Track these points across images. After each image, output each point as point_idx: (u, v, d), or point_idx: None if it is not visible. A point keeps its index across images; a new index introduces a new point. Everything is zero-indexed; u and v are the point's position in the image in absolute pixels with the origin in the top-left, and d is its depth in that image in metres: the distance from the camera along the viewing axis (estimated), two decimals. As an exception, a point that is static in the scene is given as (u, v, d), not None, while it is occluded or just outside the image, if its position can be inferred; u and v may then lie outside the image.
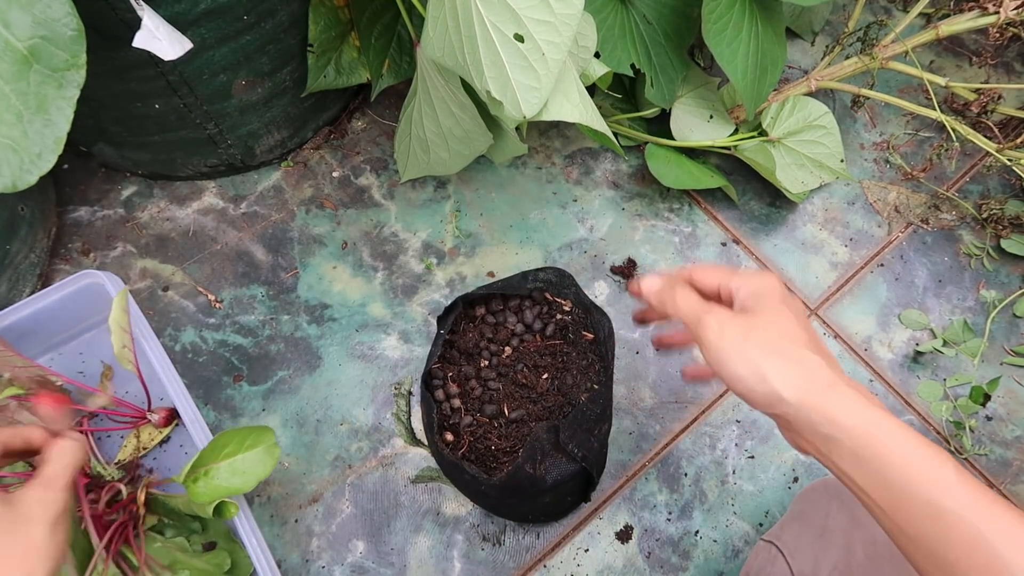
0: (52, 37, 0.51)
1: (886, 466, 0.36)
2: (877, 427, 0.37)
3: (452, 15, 0.59)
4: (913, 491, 0.36)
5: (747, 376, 0.40)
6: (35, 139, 0.52)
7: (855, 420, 0.38)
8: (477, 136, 0.74)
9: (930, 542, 0.35)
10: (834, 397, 0.39)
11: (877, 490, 0.37)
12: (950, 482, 0.35)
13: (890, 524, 0.37)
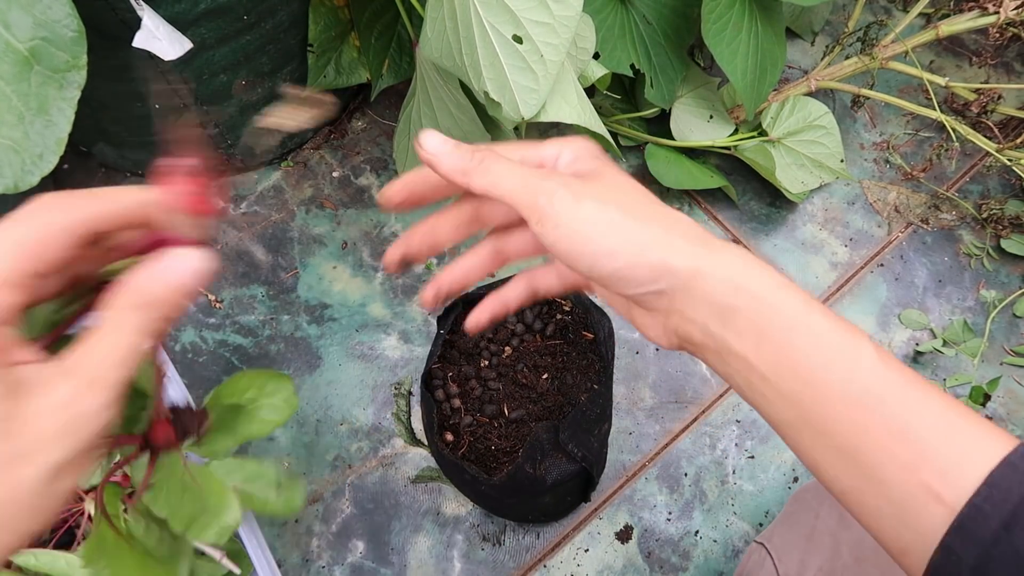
0: (53, 38, 0.51)
1: (794, 341, 0.31)
2: (785, 294, 0.31)
3: (451, 16, 0.59)
4: (827, 372, 0.30)
5: (622, 248, 0.32)
6: (36, 140, 0.52)
7: (760, 285, 0.31)
8: (476, 137, 0.74)
9: (843, 435, 0.30)
10: (730, 259, 0.32)
11: (781, 372, 0.31)
12: (871, 361, 0.30)
13: (794, 416, 0.31)
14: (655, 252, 0.32)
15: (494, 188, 0.33)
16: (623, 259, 0.32)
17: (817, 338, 0.31)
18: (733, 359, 0.32)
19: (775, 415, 0.32)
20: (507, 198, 0.33)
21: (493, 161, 0.33)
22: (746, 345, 0.31)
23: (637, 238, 0.32)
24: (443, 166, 0.34)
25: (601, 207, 0.32)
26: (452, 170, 0.34)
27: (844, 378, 0.30)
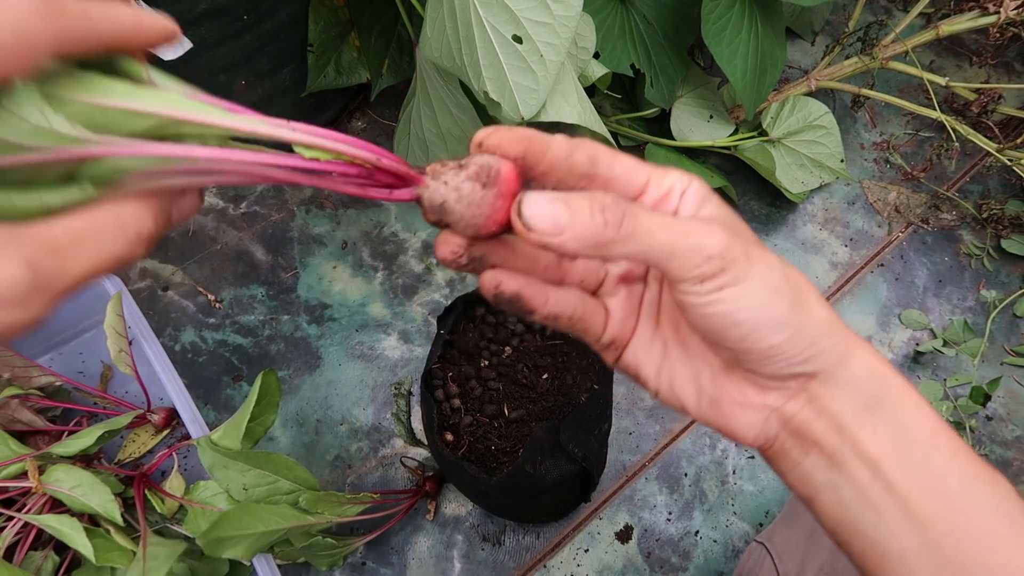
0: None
1: (934, 456, 0.28)
2: (923, 399, 0.29)
3: (450, 16, 0.59)
4: (972, 500, 0.28)
5: (788, 320, 0.28)
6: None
7: (904, 382, 0.29)
8: (477, 136, 0.74)
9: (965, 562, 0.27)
10: (871, 348, 0.30)
11: (918, 487, 0.28)
12: (1014, 498, 0.28)
13: (917, 543, 0.28)
14: (813, 330, 0.28)
15: (643, 253, 0.27)
16: (786, 333, 0.28)
17: (958, 457, 0.28)
18: (856, 464, 0.29)
19: (889, 540, 0.29)
20: (657, 261, 0.27)
21: (636, 222, 0.26)
22: (882, 448, 0.28)
23: (799, 312, 0.28)
24: (568, 246, 0.26)
25: (770, 271, 0.28)
26: (584, 247, 0.26)
27: (995, 508, 0.27)
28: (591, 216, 0.26)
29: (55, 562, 0.62)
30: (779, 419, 0.30)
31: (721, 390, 0.31)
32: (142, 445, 0.75)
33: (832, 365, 0.29)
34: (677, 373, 0.33)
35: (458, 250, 0.29)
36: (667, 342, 0.34)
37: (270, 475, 0.61)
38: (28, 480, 0.60)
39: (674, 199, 0.30)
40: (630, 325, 0.34)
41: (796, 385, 0.30)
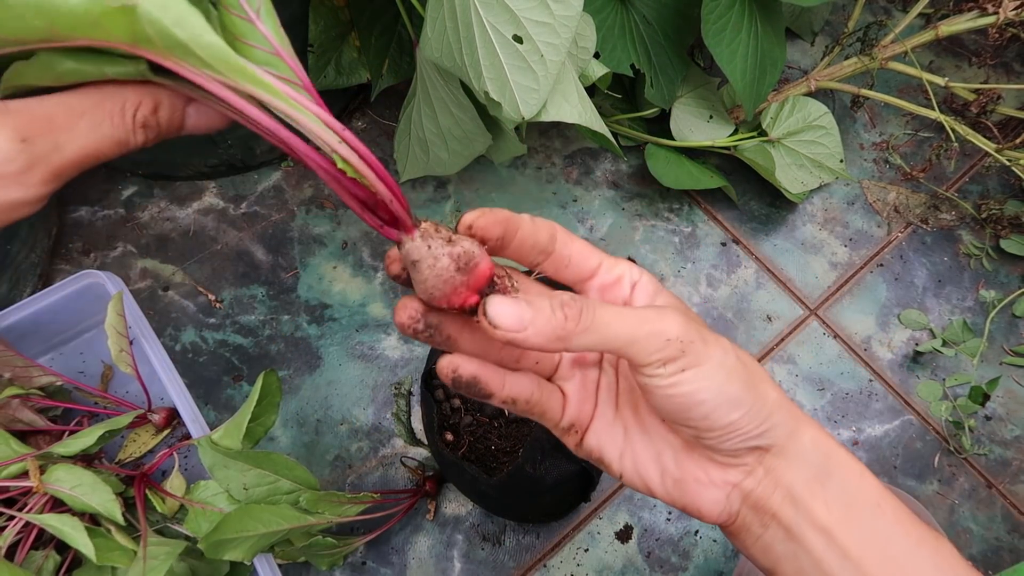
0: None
1: (880, 521, 0.31)
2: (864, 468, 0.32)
3: (451, 16, 0.59)
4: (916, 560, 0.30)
5: (744, 398, 0.30)
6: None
7: (847, 454, 0.32)
8: (476, 136, 0.74)
9: None
10: (816, 424, 0.33)
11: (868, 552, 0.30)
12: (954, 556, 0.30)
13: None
14: (767, 406, 0.31)
15: (601, 344, 0.29)
16: (743, 409, 0.30)
17: (903, 522, 0.30)
18: (811, 533, 0.30)
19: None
20: (618, 348, 0.29)
21: (594, 315, 0.28)
22: (833, 517, 0.30)
23: (754, 390, 0.30)
24: (532, 341, 0.28)
25: (724, 351, 0.30)
26: (546, 341, 0.28)
27: (940, 569, 0.29)
28: (551, 312, 0.28)
29: (56, 561, 0.62)
30: (740, 494, 0.32)
31: (684, 470, 0.33)
32: (143, 445, 0.75)
33: (784, 439, 0.31)
34: (640, 455, 0.34)
35: (416, 315, 0.31)
36: (628, 425, 0.35)
37: (270, 475, 0.61)
38: (29, 480, 0.60)
39: (624, 288, 0.33)
40: (588, 409, 0.36)
41: (753, 460, 0.32)
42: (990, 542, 0.77)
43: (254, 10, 0.26)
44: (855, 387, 0.84)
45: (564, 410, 0.35)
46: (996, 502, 0.79)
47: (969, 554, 0.76)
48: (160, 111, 0.26)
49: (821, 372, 0.85)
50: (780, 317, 0.88)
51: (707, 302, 0.89)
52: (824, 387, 0.84)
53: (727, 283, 0.90)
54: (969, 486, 0.79)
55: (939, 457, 0.81)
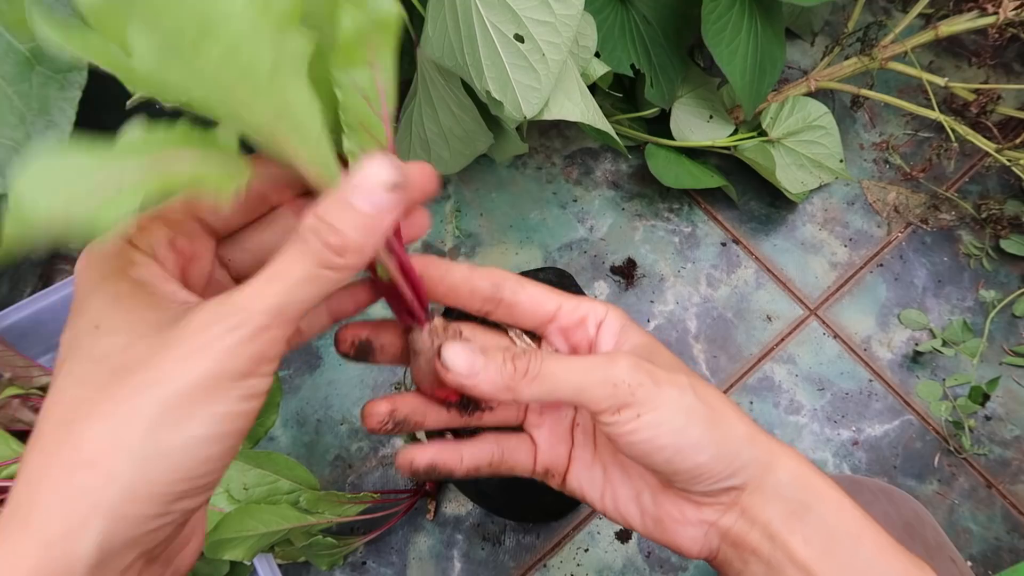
0: (53, 38, 0.51)
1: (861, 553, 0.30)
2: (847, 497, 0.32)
3: (452, 15, 0.59)
4: None
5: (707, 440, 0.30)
6: (38, 140, 0.52)
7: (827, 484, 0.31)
8: (478, 135, 0.74)
9: None
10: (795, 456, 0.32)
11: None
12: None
13: None
14: (734, 445, 0.30)
15: (552, 394, 0.29)
16: (709, 452, 0.30)
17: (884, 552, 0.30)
18: (791, 570, 0.30)
19: None
20: (570, 398, 0.29)
21: (543, 364, 0.29)
22: (812, 551, 0.30)
23: (718, 429, 0.30)
24: (482, 387, 0.29)
25: (680, 392, 0.30)
26: (495, 389, 0.29)
27: None
28: (502, 363, 0.29)
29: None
30: (718, 532, 0.32)
31: (661, 509, 0.33)
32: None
33: (758, 475, 0.31)
34: (620, 495, 0.34)
35: (384, 418, 0.33)
36: (607, 466, 0.35)
37: (270, 475, 0.61)
38: (29, 480, 0.60)
39: (590, 328, 0.33)
40: (563, 452, 0.36)
41: (728, 499, 0.31)
42: (990, 542, 0.77)
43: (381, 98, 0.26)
44: (855, 387, 0.84)
45: (536, 457, 0.36)
46: (996, 502, 0.79)
47: (969, 554, 0.76)
48: None
49: (821, 372, 0.85)
50: (780, 317, 0.88)
51: (707, 302, 0.89)
52: (824, 387, 0.84)
53: (727, 283, 0.90)
54: (969, 486, 0.79)
55: (939, 457, 0.81)
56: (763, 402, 0.83)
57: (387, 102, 0.25)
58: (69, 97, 0.52)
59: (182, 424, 0.23)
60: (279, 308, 0.24)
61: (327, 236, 0.24)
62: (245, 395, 0.24)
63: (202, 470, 0.23)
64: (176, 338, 0.23)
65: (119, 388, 0.23)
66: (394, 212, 0.24)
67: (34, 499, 0.22)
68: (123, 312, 0.24)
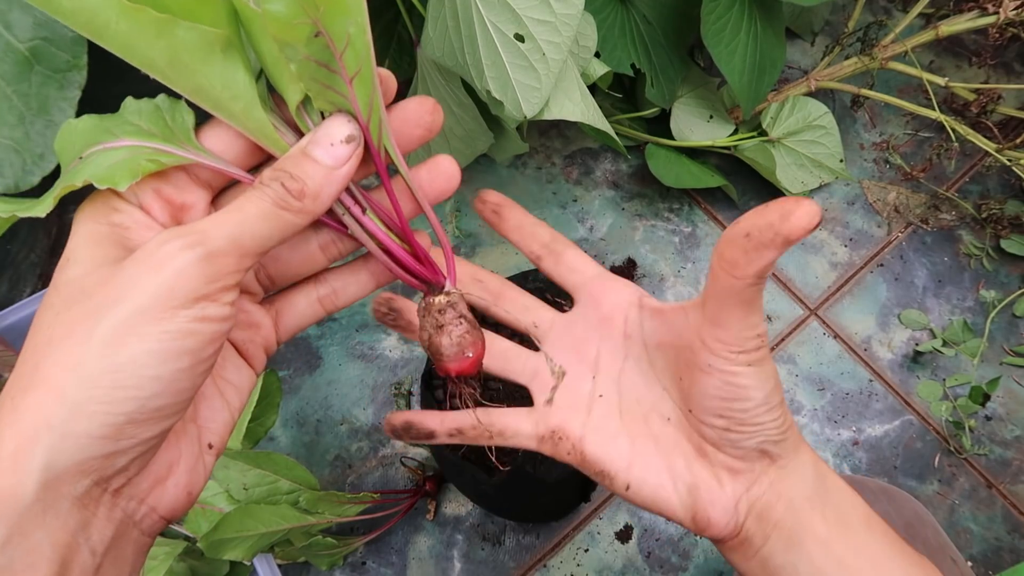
0: (53, 38, 0.51)
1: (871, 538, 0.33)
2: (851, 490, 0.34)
3: (452, 15, 0.59)
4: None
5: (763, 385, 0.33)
6: (37, 140, 0.52)
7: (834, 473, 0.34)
8: (478, 135, 0.74)
9: None
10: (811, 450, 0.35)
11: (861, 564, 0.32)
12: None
13: None
14: (788, 418, 0.33)
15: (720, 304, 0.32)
16: (776, 413, 0.32)
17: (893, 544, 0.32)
18: (811, 543, 0.32)
19: None
20: (720, 321, 0.31)
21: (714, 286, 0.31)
22: (832, 530, 0.32)
23: (783, 405, 0.33)
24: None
25: (773, 365, 0.33)
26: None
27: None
28: None
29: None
30: (748, 503, 0.33)
31: (697, 476, 0.34)
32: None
33: (790, 453, 0.33)
34: (651, 464, 0.35)
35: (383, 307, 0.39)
36: (635, 436, 0.36)
37: (270, 475, 0.61)
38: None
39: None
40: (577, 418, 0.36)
41: (761, 467, 0.33)
42: (990, 542, 0.77)
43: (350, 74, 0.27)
44: (855, 387, 0.84)
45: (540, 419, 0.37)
46: (996, 502, 0.79)
47: (969, 554, 0.76)
48: None
49: (821, 372, 0.85)
50: (780, 317, 0.88)
51: (707, 302, 0.89)
52: (824, 387, 0.84)
53: (727, 283, 0.90)
54: (969, 486, 0.79)
55: (939, 457, 0.81)
56: (763, 402, 0.83)
57: (349, 63, 0.26)
58: (68, 97, 0.52)
59: (130, 341, 0.23)
60: (235, 236, 0.25)
61: (286, 180, 0.26)
62: (198, 316, 0.24)
63: (151, 389, 0.24)
64: (131, 260, 0.25)
65: (75, 311, 0.24)
66: (349, 162, 0.27)
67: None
68: (93, 247, 0.26)
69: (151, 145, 0.27)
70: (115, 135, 0.27)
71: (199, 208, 0.28)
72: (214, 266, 0.25)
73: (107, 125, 0.28)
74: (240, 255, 0.25)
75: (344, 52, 0.26)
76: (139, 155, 0.27)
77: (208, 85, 0.26)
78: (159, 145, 0.27)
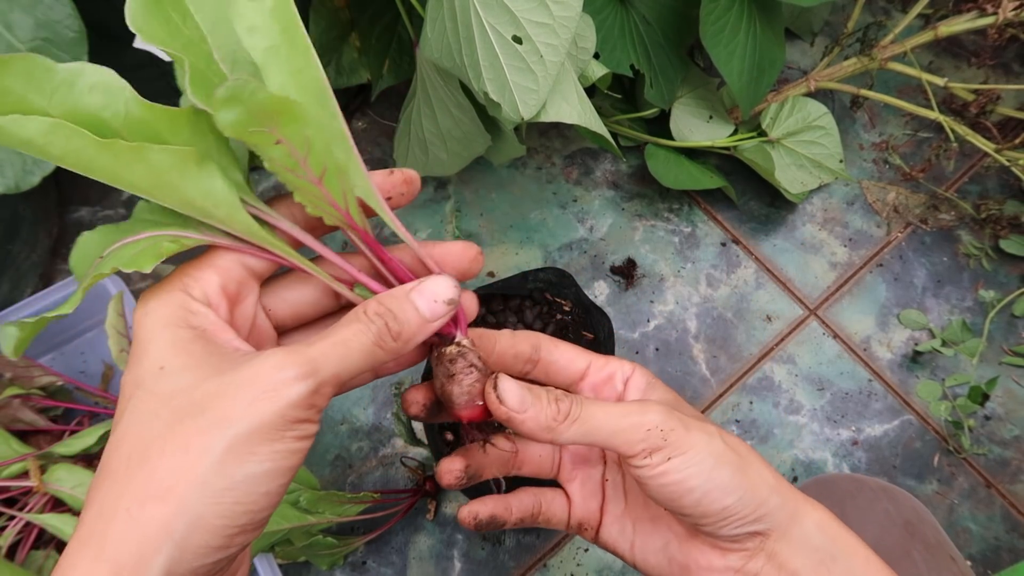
0: (54, 39, 0.51)
1: None
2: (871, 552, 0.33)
3: (450, 17, 0.59)
4: None
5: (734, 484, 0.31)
6: (37, 141, 0.52)
7: (852, 537, 0.33)
8: (475, 137, 0.74)
9: None
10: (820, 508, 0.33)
11: None
12: None
13: None
14: (762, 491, 0.31)
15: (588, 437, 0.32)
16: (735, 495, 0.31)
17: None
18: None
19: None
20: (606, 443, 0.31)
21: (582, 409, 0.32)
22: None
23: (745, 475, 0.31)
24: (526, 426, 0.31)
25: (709, 437, 0.31)
26: (536, 429, 0.31)
27: None
28: (547, 403, 0.31)
29: (57, 561, 0.63)
30: (750, 573, 0.33)
31: (688, 556, 0.34)
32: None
33: (784, 523, 0.32)
34: (649, 546, 0.36)
35: (460, 474, 0.37)
36: (636, 519, 0.38)
37: (271, 474, 0.61)
38: (30, 479, 0.60)
39: (617, 384, 0.36)
40: (595, 505, 0.39)
41: (753, 545, 0.32)
42: (989, 541, 0.77)
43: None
44: (855, 387, 0.84)
45: (570, 511, 0.39)
46: (995, 502, 0.79)
47: (968, 553, 0.76)
48: None
49: (821, 372, 0.85)
50: (780, 317, 0.88)
51: (707, 302, 0.89)
52: (824, 387, 0.84)
53: (727, 283, 0.90)
54: (968, 486, 0.79)
55: (938, 457, 0.81)
56: (763, 402, 0.83)
57: (313, 165, 0.28)
58: (69, 98, 0.53)
59: (248, 459, 0.25)
60: (339, 370, 0.27)
61: (389, 321, 0.28)
62: (300, 435, 0.26)
63: (262, 503, 0.26)
64: (247, 380, 0.26)
65: (189, 425, 0.25)
66: (444, 320, 0.30)
67: (108, 529, 0.24)
68: (186, 356, 0.27)
69: (169, 233, 0.29)
70: (134, 232, 0.29)
71: (250, 304, 0.30)
72: (319, 396, 0.27)
73: (124, 227, 0.30)
74: (338, 384, 0.28)
75: (307, 158, 0.27)
76: (160, 240, 0.29)
77: (190, 197, 0.28)
78: (177, 232, 0.29)
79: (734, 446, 0.32)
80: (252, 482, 0.25)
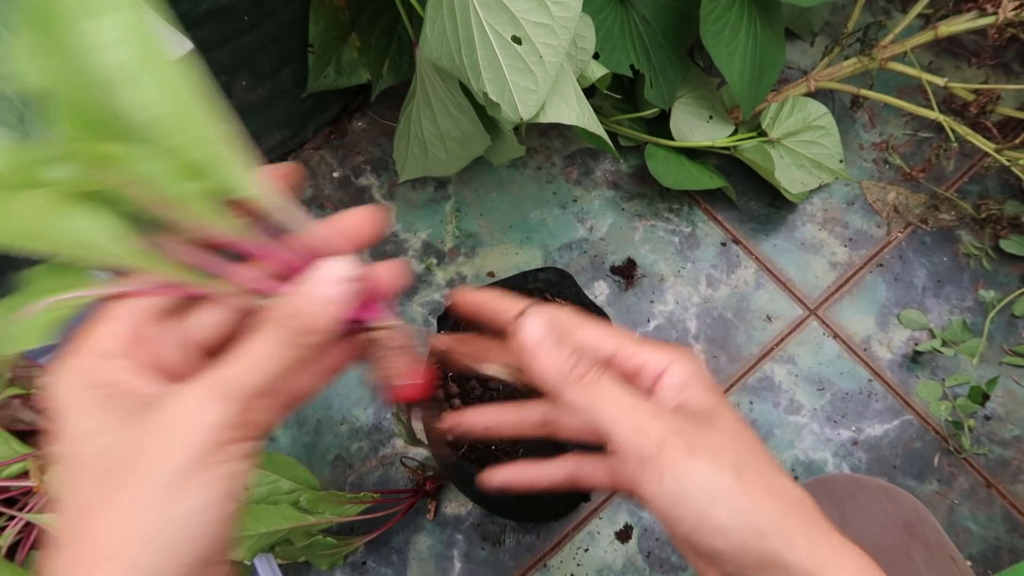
0: None
1: None
2: None
3: (450, 17, 0.59)
4: None
5: (734, 527, 0.27)
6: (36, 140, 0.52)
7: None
8: (475, 137, 0.74)
9: None
10: (854, 565, 0.28)
11: None
12: None
13: None
14: (770, 541, 0.27)
15: (590, 409, 0.28)
16: (733, 540, 0.27)
17: None
18: None
19: None
20: (603, 426, 0.28)
21: (597, 379, 0.29)
22: None
23: (752, 519, 0.27)
24: (538, 363, 0.29)
25: (716, 470, 0.27)
26: (547, 370, 0.29)
27: None
28: (567, 355, 0.29)
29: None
30: None
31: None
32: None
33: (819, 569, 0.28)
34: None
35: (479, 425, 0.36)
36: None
37: (271, 475, 0.61)
38: (30, 479, 0.60)
39: (646, 380, 0.31)
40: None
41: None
42: (989, 541, 0.77)
43: None
44: (855, 387, 0.84)
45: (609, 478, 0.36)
46: (995, 502, 0.79)
47: (969, 553, 0.76)
48: None
49: (821, 372, 0.85)
50: (780, 317, 0.88)
51: (707, 302, 0.89)
52: (824, 387, 0.84)
53: (727, 283, 0.90)
54: (968, 486, 0.79)
55: (939, 457, 0.81)
56: (763, 402, 0.83)
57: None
58: (69, 99, 0.53)
59: (186, 496, 0.24)
60: (258, 381, 0.26)
61: (292, 318, 0.27)
62: (235, 456, 0.25)
63: (216, 533, 0.25)
64: (164, 421, 0.25)
65: (121, 482, 0.24)
66: (348, 298, 0.29)
67: None
68: (103, 414, 0.25)
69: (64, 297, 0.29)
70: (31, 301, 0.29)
71: (167, 338, 0.29)
72: (252, 411, 0.26)
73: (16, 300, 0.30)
74: (264, 396, 0.26)
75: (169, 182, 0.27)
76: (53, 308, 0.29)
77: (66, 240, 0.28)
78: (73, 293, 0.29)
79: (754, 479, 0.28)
80: (198, 515, 0.24)
